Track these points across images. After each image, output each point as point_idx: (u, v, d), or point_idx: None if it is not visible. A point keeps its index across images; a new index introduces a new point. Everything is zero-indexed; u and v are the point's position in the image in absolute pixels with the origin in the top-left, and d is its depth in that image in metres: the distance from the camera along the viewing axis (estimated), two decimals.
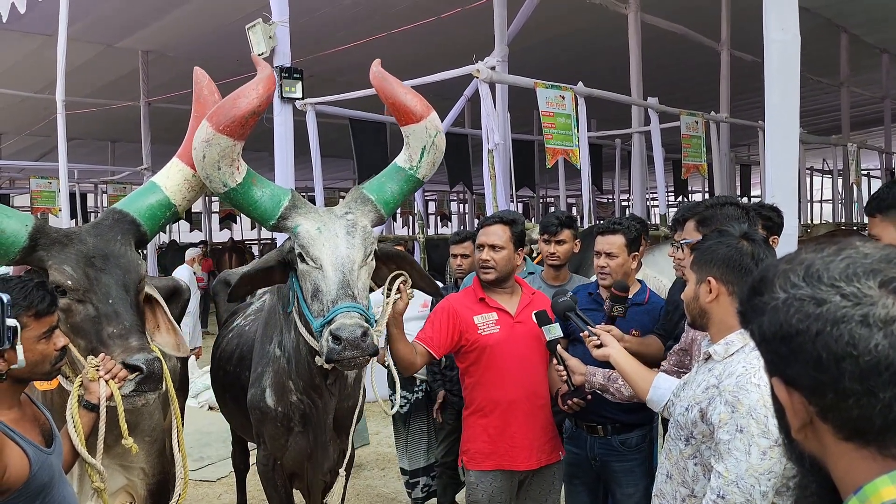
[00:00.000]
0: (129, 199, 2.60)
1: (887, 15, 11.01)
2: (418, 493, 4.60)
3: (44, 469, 1.90)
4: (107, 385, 2.18)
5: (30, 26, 9.66)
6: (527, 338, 3.06)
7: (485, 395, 3.05)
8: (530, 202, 21.29)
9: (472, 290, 3.19)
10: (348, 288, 2.50)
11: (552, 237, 3.67)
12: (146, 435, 2.74)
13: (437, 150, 2.81)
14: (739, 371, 1.93)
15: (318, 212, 2.74)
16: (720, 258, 2.03)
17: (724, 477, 1.87)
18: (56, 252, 2.35)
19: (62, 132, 8.09)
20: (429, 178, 2.90)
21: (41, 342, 1.99)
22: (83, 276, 2.32)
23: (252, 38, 5.31)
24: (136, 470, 2.76)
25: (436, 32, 9.46)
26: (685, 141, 8.40)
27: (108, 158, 16.89)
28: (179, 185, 2.61)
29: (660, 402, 2.36)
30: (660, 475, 2.21)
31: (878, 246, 0.90)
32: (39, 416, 2.08)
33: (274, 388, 3.01)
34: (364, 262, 2.63)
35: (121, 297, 2.34)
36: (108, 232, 2.45)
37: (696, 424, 2.01)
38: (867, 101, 14.98)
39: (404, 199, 2.92)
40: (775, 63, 3.46)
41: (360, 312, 2.47)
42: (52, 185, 12.00)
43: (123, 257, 2.42)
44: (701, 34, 9.63)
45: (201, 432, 6.58)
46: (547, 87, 6.19)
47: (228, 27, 9.21)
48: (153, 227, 2.57)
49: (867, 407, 0.82)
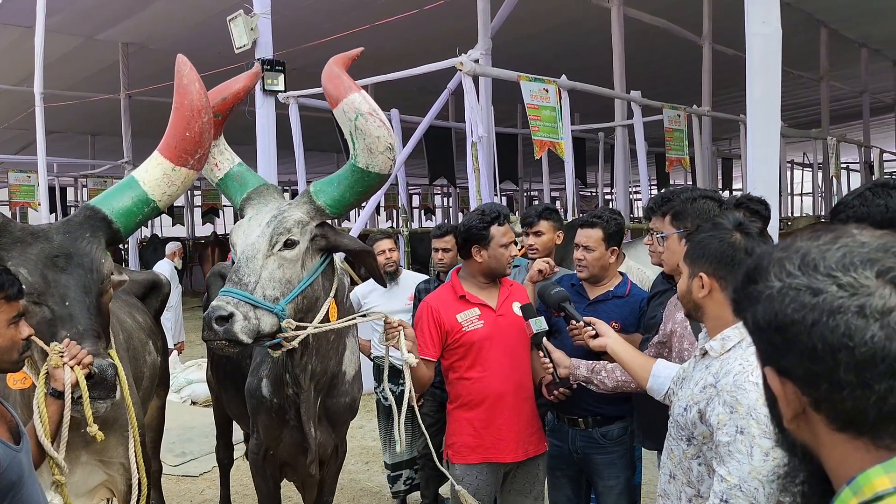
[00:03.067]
0: (104, 194, 2.53)
1: (867, 10, 11.11)
2: (400, 487, 4.60)
3: (12, 467, 1.86)
4: (72, 371, 2.12)
5: (8, 18, 9.53)
6: (510, 330, 3.06)
7: (470, 389, 3.05)
8: (514, 196, 21.32)
9: (450, 287, 3.16)
10: (240, 274, 2.56)
11: (529, 229, 3.71)
12: (124, 430, 2.70)
13: (366, 134, 2.62)
14: (737, 369, 1.86)
15: (261, 203, 2.81)
16: (712, 252, 1.96)
17: (726, 481, 1.79)
18: (16, 253, 2.27)
19: (41, 125, 8.00)
20: (383, 170, 2.69)
21: (10, 327, 1.96)
22: (39, 279, 2.25)
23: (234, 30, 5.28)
24: (115, 465, 2.72)
25: (419, 25, 9.43)
26: (668, 134, 8.45)
27: (88, 152, 16.72)
28: (158, 180, 2.52)
29: (660, 391, 2.31)
30: (663, 475, 2.15)
31: (876, 234, 0.88)
32: (5, 414, 2.03)
33: (271, 379, 3.02)
34: (270, 251, 2.62)
35: (78, 300, 2.26)
36: (77, 229, 2.38)
37: (695, 425, 1.95)
38: (847, 95, 15.13)
39: (360, 194, 2.78)
40: (757, 57, 3.49)
41: (237, 297, 2.50)
42: (31, 179, 11.85)
43: (87, 256, 2.34)
44: (683, 28, 9.68)
45: (184, 427, 6.54)
46: (531, 80, 6.19)
47: (210, 19, 9.14)
48: (128, 223, 2.48)
49: (861, 398, 0.82)
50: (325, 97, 2.83)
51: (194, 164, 2.54)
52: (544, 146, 6.30)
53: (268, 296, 2.55)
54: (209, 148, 2.61)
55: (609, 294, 3.22)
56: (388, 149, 2.66)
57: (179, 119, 2.51)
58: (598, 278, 3.23)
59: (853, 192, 2.42)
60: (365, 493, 5.14)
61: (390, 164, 2.71)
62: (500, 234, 3.05)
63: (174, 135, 2.52)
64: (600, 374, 2.69)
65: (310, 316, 2.72)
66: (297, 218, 2.68)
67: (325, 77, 2.76)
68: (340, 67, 2.76)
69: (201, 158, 2.56)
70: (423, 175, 20.30)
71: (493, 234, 3.05)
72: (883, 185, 2.31)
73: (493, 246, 3.05)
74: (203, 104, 2.53)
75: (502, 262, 3.08)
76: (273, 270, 2.60)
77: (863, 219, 2.20)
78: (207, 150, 2.59)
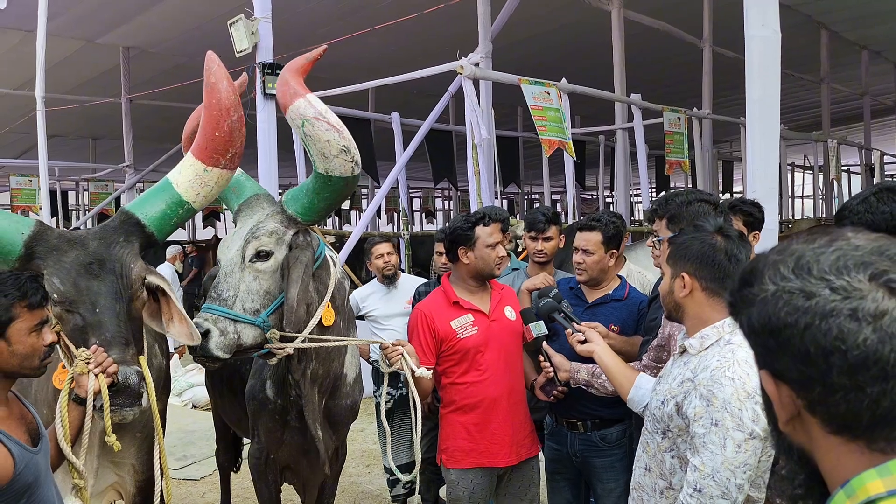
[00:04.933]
0: (139, 198, 2.54)
1: (867, 12, 11.11)
2: (399, 490, 4.59)
3: (29, 468, 1.89)
4: (95, 379, 2.14)
5: (9, 21, 9.55)
6: (503, 334, 3.06)
7: (465, 394, 3.04)
8: (515, 198, 21.32)
9: (442, 292, 3.14)
10: (219, 289, 2.59)
11: (539, 234, 3.60)
12: (137, 431, 2.71)
13: (315, 139, 2.57)
14: (714, 365, 1.95)
15: (248, 215, 2.79)
16: (693, 254, 2.04)
17: (700, 470, 1.89)
18: (52, 261, 2.30)
19: (42, 129, 8.00)
20: (344, 172, 2.61)
21: (32, 335, 1.97)
22: (71, 287, 2.27)
23: (234, 33, 5.28)
24: (126, 466, 2.73)
25: (419, 29, 9.45)
26: (668, 137, 8.45)
27: (89, 156, 16.71)
28: (191, 182, 2.48)
29: (640, 403, 2.36)
30: (638, 468, 2.22)
31: (871, 237, 0.88)
32: (27, 415, 2.06)
33: (274, 381, 3.01)
34: (245, 264, 2.62)
35: (107, 306, 2.27)
36: (112, 234, 2.40)
37: (671, 418, 2.03)
38: (847, 97, 15.12)
39: (329, 199, 2.73)
40: (756, 59, 3.49)
41: (216, 313, 2.53)
42: (32, 183, 11.85)
43: (119, 261, 2.35)
44: (683, 31, 9.68)
45: (184, 431, 6.55)
46: (531, 83, 6.20)
47: (211, 23, 9.15)
48: (162, 226, 2.47)
49: (855, 401, 0.82)
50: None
51: (227, 163, 2.49)
52: (553, 145, 6.29)
53: (248, 308, 2.56)
54: (241, 146, 2.53)
55: (608, 297, 3.22)
56: (343, 151, 2.59)
57: (209, 119, 2.45)
58: (597, 281, 3.23)
59: (857, 196, 2.38)
60: (366, 496, 5.14)
61: (350, 165, 2.63)
62: (485, 234, 3.02)
63: (204, 135, 2.46)
64: (601, 377, 2.70)
65: (303, 322, 2.70)
66: (271, 229, 2.67)
67: (277, 85, 2.73)
68: (292, 73, 2.69)
69: (234, 157, 2.50)
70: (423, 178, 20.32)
71: (478, 234, 3.02)
72: (888, 190, 2.26)
73: (479, 246, 3.02)
74: (231, 102, 2.46)
75: (489, 263, 3.05)
76: (250, 283, 2.61)
77: (867, 225, 2.17)
78: (240, 149, 2.52)
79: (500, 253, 3.05)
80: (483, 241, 3.02)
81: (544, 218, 3.61)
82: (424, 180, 20.79)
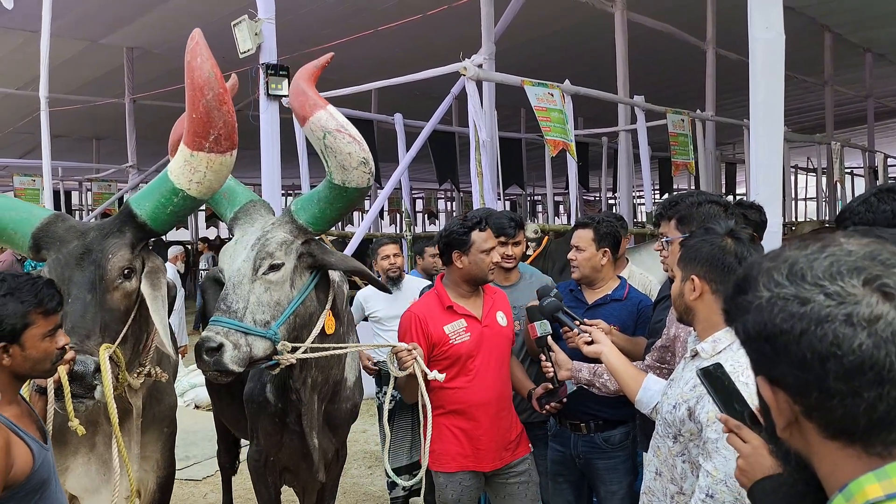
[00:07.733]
0: (141, 191, 2.56)
1: (871, 14, 11.10)
2: (398, 493, 4.59)
3: (44, 465, 1.93)
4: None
5: (13, 22, 9.57)
6: (494, 339, 3.06)
7: (454, 398, 3.02)
8: (518, 200, 21.32)
9: (435, 295, 3.11)
10: (228, 301, 2.53)
11: (510, 239, 3.48)
12: (164, 426, 2.72)
13: (336, 151, 2.55)
14: (727, 369, 1.91)
15: (247, 223, 2.76)
16: (704, 256, 2.03)
17: (712, 476, 1.87)
18: (52, 252, 2.37)
19: (46, 129, 8.02)
20: (360, 184, 2.60)
21: (45, 340, 1.98)
22: (57, 278, 2.30)
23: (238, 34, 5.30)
24: (152, 461, 2.73)
25: (423, 30, 9.46)
26: (673, 139, 8.45)
27: (92, 156, 16.75)
28: (181, 168, 2.43)
29: (649, 404, 2.35)
30: (648, 472, 2.21)
31: (863, 242, 0.89)
32: (32, 414, 2.08)
33: (275, 384, 2.99)
34: (256, 275, 2.58)
35: (77, 296, 2.30)
36: (109, 225, 2.45)
37: (683, 422, 2.01)
38: (851, 99, 15.11)
39: (341, 209, 2.71)
40: (760, 61, 3.49)
41: (227, 326, 2.47)
42: (35, 183, 11.91)
43: (101, 251, 2.37)
44: (687, 33, 9.68)
45: (187, 431, 6.53)
46: (534, 84, 6.20)
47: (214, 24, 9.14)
48: (157, 215, 2.45)
49: (852, 406, 0.82)
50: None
51: (211, 146, 2.34)
52: (558, 146, 6.30)
53: (258, 321, 2.53)
54: (228, 127, 2.36)
55: (607, 298, 3.22)
56: (362, 163, 2.58)
57: (187, 101, 2.34)
58: (590, 279, 3.22)
59: (858, 197, 2.40)
60: (368, 498, 5.14)
61: (367, 177, 2.62)
62: (480, 239, 3.00)
63: (187, 119, 2.38)
64: (602, 376, 2.69)
65: (305, 332, 2.69)
66: (281, 239, 2.64)
67: (291, 94, 2.71)
68: (306, 82, 2.67)
69: (218, 140, 2.34)
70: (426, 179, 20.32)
71: (473, 239, 2.99)
72: (888, 191, 2.28)
73: (474, 252, 2.99)
74: (205, 80, 2.29)
75: (483, 269, 3.02)
76: (261, 295, 2.57)
77: (869, 225, 2.19)
78: (226, 130, 2.35)
79: (494, 259, 3.04)
80: (478, 247, 2.99)
81: (514, 223, 3.51)
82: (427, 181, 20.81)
